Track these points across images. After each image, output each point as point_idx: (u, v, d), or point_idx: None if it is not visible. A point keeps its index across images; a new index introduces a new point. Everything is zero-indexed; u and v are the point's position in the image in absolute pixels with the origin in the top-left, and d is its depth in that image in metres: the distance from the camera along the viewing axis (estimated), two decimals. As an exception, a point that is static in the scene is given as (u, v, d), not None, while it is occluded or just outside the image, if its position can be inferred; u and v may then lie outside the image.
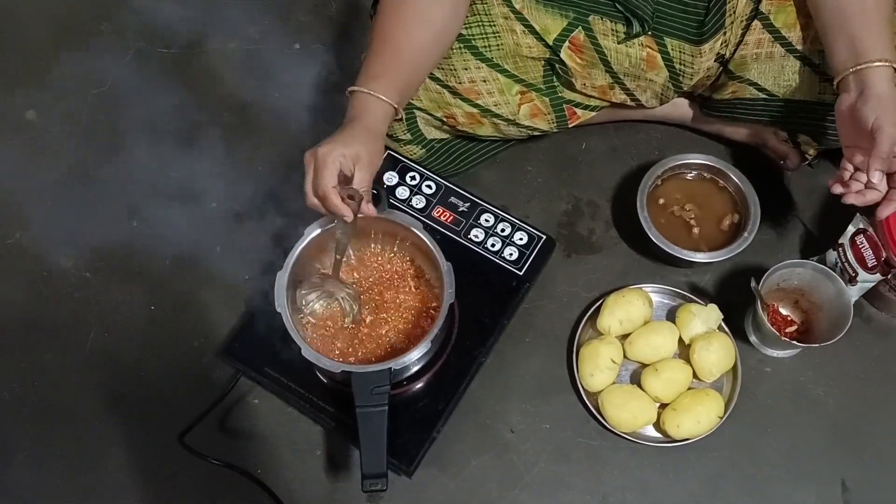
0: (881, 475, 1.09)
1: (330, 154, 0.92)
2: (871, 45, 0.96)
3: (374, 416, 0.95)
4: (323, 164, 0.91)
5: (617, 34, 1.08)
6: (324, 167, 0.91)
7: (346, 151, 0.92)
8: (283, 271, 1.00)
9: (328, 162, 0.91)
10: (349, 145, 0.93)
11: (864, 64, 0.95)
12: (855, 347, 1.15)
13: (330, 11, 1.45)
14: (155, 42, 1.43)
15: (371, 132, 0.96)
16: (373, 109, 0.96)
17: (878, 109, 0.93)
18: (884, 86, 0.94)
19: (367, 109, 0.96)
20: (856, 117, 0.95)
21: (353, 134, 0.94)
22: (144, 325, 1.19)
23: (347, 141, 0.93)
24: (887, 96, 0.94)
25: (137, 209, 1.27)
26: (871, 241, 1.08)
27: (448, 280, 1.00)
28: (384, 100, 0.96)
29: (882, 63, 0.94)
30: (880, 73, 0.95)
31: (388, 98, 0.96)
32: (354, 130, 0.95)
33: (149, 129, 1.35)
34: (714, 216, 1.20)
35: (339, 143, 0.93)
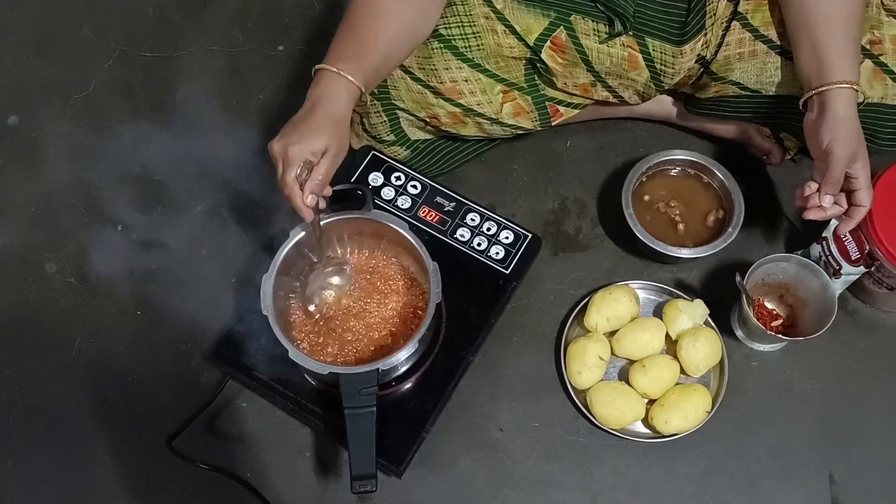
0: (868, 468, 1.09)
1: (300, 152, 0.91)
2: (834, 64, 0.97)
3: (363, 418, 0.95)
4: (290, 162, 0.91)
5: (598, 34, 1.08)
6: (291, 164, 0.91)
7: (313, 147, 0.92)
8: (269, 274, 1.00)
9: (297, 159, 0.91)
10: (317, 137, 0.92)
11: (826, 86, 0.97)
12: (840, 340, 1.15)
13: (313, 12, 1.45)
14: (137, 45, 1.42)
15: (337, 120, 0.95)
16: (338, 91, 0.95)
17: (832, 132, 0.96)
18: (841, 108, 0.97)
19: (333, 92, 0.95)
20: (815, 137, 0.98)
21: (319, 124, 0.93)
22: (131, 330, 1.19)
23: (317, 134, 0.92)
24: (843, 119, 0.96)
25: (122, 213, 1.27)
26: (854, 234, 1.08)
27: (435, 280, 1.00)
28: (351, 80, 0.95)
29: (842, 85, 0.96)
30: (840, 95, 0.97)
31: (355, 80, 0.95)
32: (321, 119, 0.93)
33: (132, 133, 1.34)
34: (699, 212, 1.20)
35: (308, 137, 0.92)
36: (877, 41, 1.08)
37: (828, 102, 0.97)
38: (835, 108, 0.97)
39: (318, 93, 0.95)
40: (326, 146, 0.93)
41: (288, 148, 0.91)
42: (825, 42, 0.99)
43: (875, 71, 1.08)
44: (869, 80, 1.08)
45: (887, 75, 1.08)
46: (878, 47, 1.08)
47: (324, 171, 0.93)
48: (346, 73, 0.95)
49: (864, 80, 1.08)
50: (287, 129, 0.94)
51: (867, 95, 1.09)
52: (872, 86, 1.09)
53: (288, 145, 0.91)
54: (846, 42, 0.99)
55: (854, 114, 0.97)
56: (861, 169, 0.99)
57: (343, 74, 0.95)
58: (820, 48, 0.99)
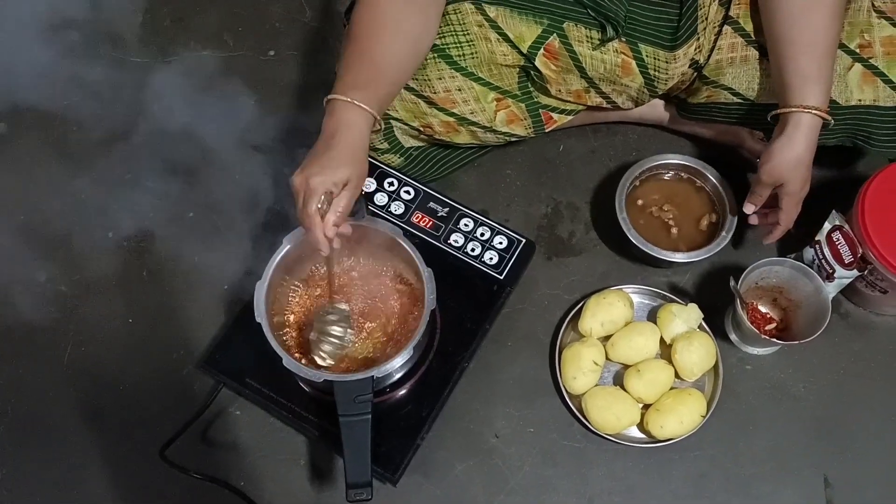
0: (863, 470, 1.10)
1: (322, 184, 0.89)
2: (793, 88, 1.01)
3: (358, 425, 0.95)
4: (313, 192, 0.89)
5: (591, 40, 1.08)
6: (312, 195, 0.89)
7: (335, 178, 0.90)
8: (262, 281, 0.99)
9: (318, 191, 0.89)
10: (338, 170, 0.90)
11: (784, 108, 1.02)
12: (834, 343, 1.16)
13: (304, 18, 1.45)
14: (127, 51, 1.42)
15: (356, 150, 0.93)
16: (355, 121, 0.94)
17: (774, 152, 1.03)
18: (787, 132, 1.02)
19: (350, 121, 0.93)
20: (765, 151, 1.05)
21: (340, 155, 0.91)
22: (122, 338, 1.18)
23: (337, 165, 0.91)
24: (785, 144, 1.02)
25: (113, 220, 1.26)
26: (847, 237, 1.09)
27: (429, 286, 1.00)
28: (366, 109, 0.94)
29: (793, 109, 1.01)
30: (791, 119, 1.01)
31: (370, 108, 0.94)
32: (341, 150, 0.92)
33: (123, 140, 1.33)
34: (692, 216, 1.20)
35: (330, 169, 0.90)
36: (866, 45, 1.08)
37: (782, 124, 1.03)
38: (786, 131, 1.02)
39: (335, 123, 0.93)
40: (348, 177, 0.91)
41: (309, 179, 0.90)
42: (789, 66, 1.02)
43: (865, 74, 1.09)
44: (859, 84, 1.09)
45: (878, 77, 1.09)
46: (868, 51, 1.08)
47: (344, 202, 0.92)
48: (361, 103, 0.93)
49: (854, 83, 1.09)
50: (307, 161, 0.92)
51: (859, 99, 1.09)
52: (863, 89, 1.09)
53: (309, 177, 0.90)
54: (808, 66, 1.01)
55: (797, 140, 1.01)
56: (787, 193, 1.06)
57: (357, 104, 0.93)
58: (783, 71, 1.03)
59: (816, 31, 1.01)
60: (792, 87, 1.02)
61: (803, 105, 1.00)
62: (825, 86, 1.01)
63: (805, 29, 1.01)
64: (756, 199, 1.10)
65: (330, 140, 0.93)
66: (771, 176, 1.05)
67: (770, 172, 1.05)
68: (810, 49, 1.01)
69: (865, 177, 1.10)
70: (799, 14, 1.01)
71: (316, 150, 0.93)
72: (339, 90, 0.95)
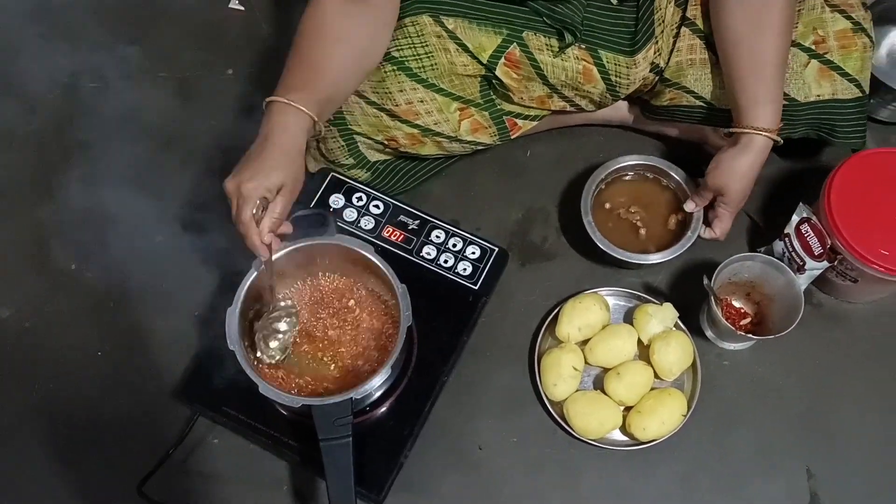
0: (844, 460, 1.11)
1: (254, 190, 0.88)
2: (742, 109, 1.05)
3: (339, 449, 0.93)
4: (246, 199, 0.89)
5: (551, 48, 1.08)
6: (245, 202, 0.89)
7: (268, 184, 0.89)
8: (234, 307, 0.98)
9: (252, 197, 0.89)
10: (271, 175, 0.90)
11: (734, 128, 1.06)
12: (809, 334, 1.16)
13: (261, 34, 1.43)
14: (84, 76, 1.38)
15: (290, 153, 0.92)
16: (291, 122, 0.93)
17: (720, 162, 1.07)
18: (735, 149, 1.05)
19: (285, 123, 0.92)
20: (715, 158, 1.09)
21: (273, 159, 0.91)
22: (93, 372, 1.15)
23: (270, 170, 0.90)
24: (729, 158, 1.06)
25: (77, 251, 1.23)
26: (815, 229, 1.10)
27: (404, 303, 0.99)
28: (303, 110, 0.93)
29: (744, 130, 1.04)
30: (739, 139, 1.05)
31: (307, 109, 0.93)
32: (274, 153, 0.91)
33: (83, 166, 1.30)
34: (660, 216, 1.20)
35: (262, 174, 0.89)
36: (820, 40, 1.09)
37: (736, 137, 1.06)
38: (738, 145, 1.05)
39: (271, 126, 0.93)
40: (282, 182, 0.90)
41: (241, 186, 0.89)
42: (737, 87, 1.05)
43: (822, 70, 1.10)
44: (817, 79, 1.10)
45: (834, 72, 1.10)
46: (823, 46, 1.09)
47: (280, 207, 0.91)
48: (297, 103, 0.93)
49: (811, 79, 1.10)
50: (240, 165, 0.91)
51: (817, 94, 1.10)
52: (821, 84, 1.10)
53: (241, 182, 0.89)
54: (756, 88, 1.04)
55: (744, 157, 1.05)
56: (725, 203, 1.10)
57: (294, 105, 0.92)
58: (733, 91, 1.06)
59: (762, 54, 1.03)
60: (743, 108, 1.05)
61: (754, 127, 1.03)
62: (774, 106, 1.04)
63: (751, 52, 1.03)
64: (698, 200, 1.14)
65: (264, 143, 0.92)
66: (716, 182, 1.09)
67: (716, 179, 1.08)
68: (757, 71, 1.03)
69: (830, 168, 1.12)
70: (744, 37, 1.03)
71: (249, 154, 0.92)
72: (277, 92, 0.95)
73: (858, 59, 1.10)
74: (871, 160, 1.11)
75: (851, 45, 1.09)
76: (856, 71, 1.10)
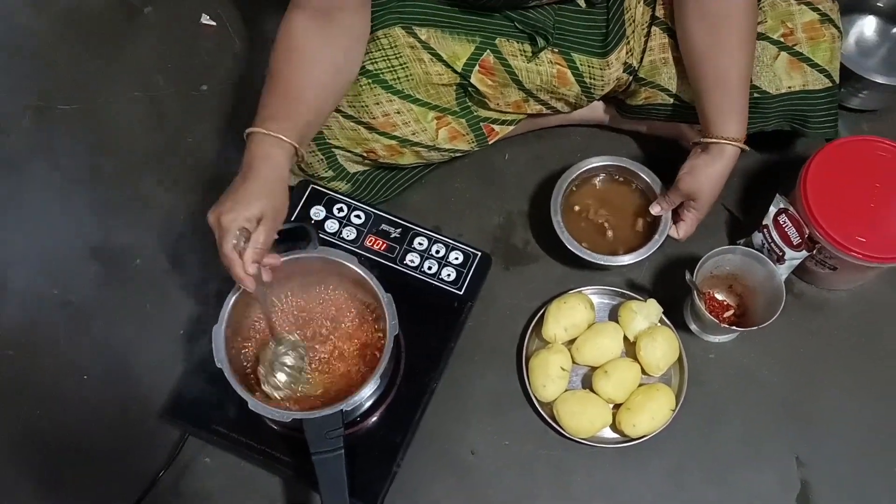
0: (832, 446, 1.12)
1: (233, 221, 0.88)
2: (709, 120, 1.07)
3: (331, 461, 0.93)
4: (226, 231, 0.88)
5: (525, 53, 1.09)
6: (227, 234, 0.88)
7: (248, 214, 0.88)
8: (220, 324, 0.97)
9: (231, 228, 0.88)
10: (251, 205, 0.89)
11: (709, 140, 1.07)
12: (791, 323, 1.18)
13: (234, 49, 1.42)
14: (53, 99, 1.37)
15: (272, 183, 0.91)
16: (273, 154, 0.92)
17: (691, 169, 1.09)
18: (706, 157, 1.08)
19: (266, 154, 0.92)
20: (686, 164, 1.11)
21: (253, 190, 0.90)
22: (79, 398, 1.14)
23: (250, 200, 0.89)
24: (699, 166, 1.08)
25: (56, 276, 1.22)
26: (793, 219, 1.11)
27: (390, 312, 0.99)
28: (285, 140, 0.92)
29: (712, 140, 1.06)
30: (709, 149, 1.07)
31: (288, 138, 0.92)
32: (255, 185, 0.90)
33: (58, 190, 1.29)
34: (629, 217, 1.20)
35: (242, 204, 0.89)
36: (789, 33, 1.11)
37: (702, 147, 1.09)
38: (709, 152, 1.08)
39: (252, 157, 0.92)
40: (261, 212, 0.89)
41: (221, 218, 0.88)
42: (703, 99, 1.08)
43: (791, 62, 1.11)
44: (787, 71, 1.11)
45: (804, 63, 1.11)
46: (791, 38, 1.11)
47: (262, 237, 0.90)
48: (278, 133, 0.92)
49: (782, 72, 1.12)
50: (222, 197, 0.90)
51: (788, 86, 1.12)
52: (792, 76, 1.12)
53: (221, 215, 0.88)
54: (722, 100, 1.06)
55: (716, 165, 1.07)
56: (695, 208, 1.13)
57: (275, 135, 0.92)
58: (700, 103, 1.08)
59: (724, 69, 1.05)
60: (711, 119, 1.07)
61: (723, 137, 1.05)
62: (740, 116, 1.06)
63: (714, 68, 1.06)
64: (665, 204, 1.15)
65: (246, 174, 0.91)
66: (689, 188, 1.10)
67: (689, 185, 1.10)
68: (721, 84, 1.05)
69: (804, 158, 1.13)
70: (706, 54, 1.06)
71: (232, 186, 0.92)
72: (257, 123, 0.94)
73: (827, 49, 1.11)
74: (845, 149, 1.13)
75: (820, 36, 1.11)
76: (825, 61, 1.12)
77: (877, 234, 1.07)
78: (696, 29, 1.05)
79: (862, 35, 1.37)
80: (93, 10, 1.46)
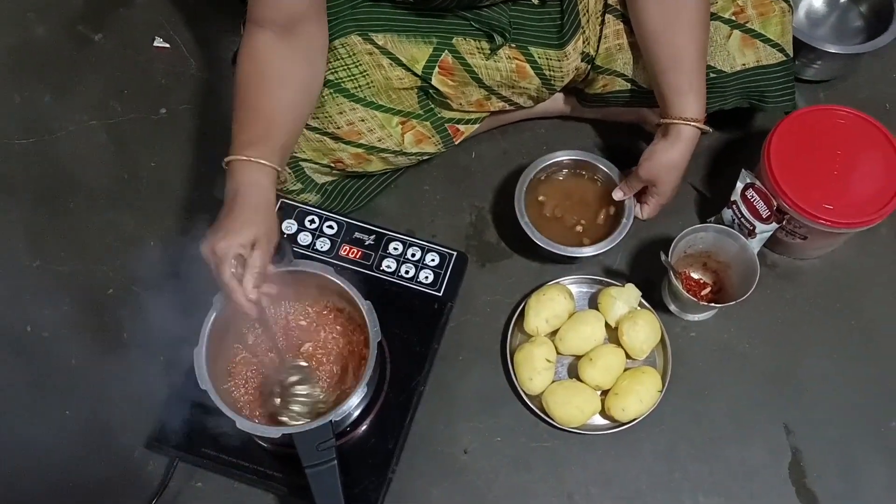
0: (819, 411, 1.13)
1: (228, 250, 0.87)
2: (667, 101, 1.08)
3: (325, 473, 0.93)
4: (221, 260, 0.88)
5: (483, 51, 1.09)
6: (223, 263, 0.88)
7: (241, 241, 0.88)
8: (200, 346, 0.96)
9: (227, 257, 0.88)
10: (243, 232, 0.88)
11: (668, 120, 1.08)
12: (767, 295, 1.19)
13: (189, 69, 1.41)
14: (8, 135, 1.35)
15: (261, 208, 0.91)
16: (257, 179, 0.92)
17: (650, 153, 1.11)
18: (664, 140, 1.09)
19: (252, 181, 0.91)
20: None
21: (244, 217, 0.89)
22: (62, 435, 1.11)
23: (241, 228, 0.89)
24: (659, 149, 1.10)
25: (27, 312, 1.19)
26: (760, 193, 1.13)
27: (371, 319, 0.99)
28: (266, 164, 0.92)
29: (672, 120, 1.07)
30: (668, 130, 1.08)
31: (269, 162, 0.92)
32: (245, 212, 0.90)
33: (24, 225, 1.27)
34: (594, 208, 1.20)
35: (234, 232, 0.88)
36: (739, 10, 1.12)
37: (665, 129, 1.10)
38: (668, 137, 1.09)
39: (236, 184, 0.91)
40: (254, 237, 0.89)
41: (215, 247, 0.88)
42: (660, 80, 1.08)
43: (744, 39, 1.13)
44: (740, 48, 1.13)
45: (757, 39, 1.13)
46: (742, 16, 1.12)
47: (259, 262, 0.89)
48: (259, 159, 0.91)
49: (735, 49, 1.13)
50: (212, 228, 0.90)
51: (743, 63, 1.13)
52: (745, 53, 1.13)
53: (214, 244, 0.88)
54: (678, 81, 1.07)
55: (675, 148, 1.08)
56: (657, 193, 1.14)
57: (256, 160, 0.91)
58: (657, 84, 1.09)
59: (679, 49, 1.06)
60: (668, 100, 1.07)
61: (682, 117, 1.06)
62: (698, 96, 1.07)
63: (667, 47, 1.06)
64: (627, 189, 1.16)
65: (233, 202, 0.91)
66: (649, 174, 1.11)
67: (648, 170, 1.11)
68: (676, 65, 1.06)
69: (766, 132, 1.15)
70: (659, 33, 1.06)
71: (220, 216, 0.91)
72: (236, 150, 0.93)
73: (778, 23, 1.13)
74: (805, 119, 1.15)
75: (770, 12, 1.12)
76: (777, 35, 1.13)
77: (843, 201, 1.09)
78: (651, 11, 1.06)
79: (811, 6, 1.39)
80: (43, 43, 1.44)
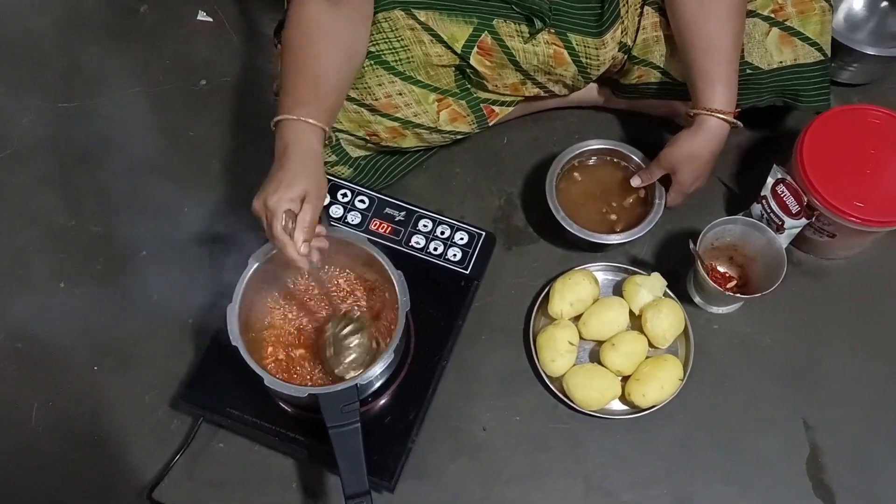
0: (838, 408, 1.13)
1: (279, 203, 0.89)
2: (698, 91, 1.08)
3: (348, 434, 0.94)
4: (273, 214, 0.89)
5: (522, 34, 1.11)
6: (275, 216, 0.89)
7: (292, 195, 0.90)
8: (234, 304, 0.98)
9: (278, 210, 0.89)
10: (293, 186, 0.90)
11: (696, 110, 1.08)
12: (791, 292, 1.19)
13: (230, 44, 1.44)
14: (53, 98, 1.38)
15: (310, 163, 0.93)
16: (306, 137, 0.94)
17: (675, 142, 1.10)
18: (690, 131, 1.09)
19: (299, 138, 0.93)
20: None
21: (294, 171, 0.91)
22: (90, 389, 1.14)
23: (291, 181, 0.90)
24: (684, 139, 1.09)
25: (63, 269, 1.22)
26: (791, 188, 1.13)
27: (401, 288, 1.00)
28: (316, 124, 0.94)
29: (699, 112, 1.07)
30: (696, 120, 1.08)
31: (318, 122, 0.94)
32: (294, 165, 0.92)
33: (63, 187, 1.30)
34: (622, 197, 1.21)
35: (284, 186, 0.90)
36: (779, 8, 1.13)
37: (689, 121, 1.10)
38: (693, 127, 1.09)
39: (285, 143, 0.93)
40: (304, 191, 0.91)
41: (266, 201, 0.90)
42: (692, 68, 1.08)
43: (782, 37, 1.13)
44: (778, 46, 1.14)
45: (795, 37, 1.14)
46: (782, 13, 1.13)
47: (308, 216, 0.91)
48: (308, 118, 0.93)
49: (773, 47, 1.14)
50: (263, 184, 0.92)
51: (780, 61, 1.14)
52: (782, 51, 1.14)
53: (266, 199, 0.90)
54: (709, 69, 1.07)
55: (696, 138, 1.08)
56: (676, 181, 1.14)
57: (304, 120, 0.93)
58: (689, 73, 1.09)
59: (712, 37, 1.06)
60: (699, 89, 1.07)
61: (709, 108, 1.06)
62: (727, 87, 1.06)
63: (701, 34, 1.07)
64: (646, 176, 1.17)
65: (282, 159, 0.93)
66: (667, 161, 1.12)
67: (668, 158, 1.12)
68: (709, 53, 1.06)
69: (797, 132, 1.15)
70: (693, 21, 1.07)
71: (270, 173, 0.93)
72: (285, 110, 0.95)
73: (818, 22, 1.13)
74: (839, 117, 1.15)
75: (809, 10, 1.13)
76: (816, 34, 1.14)
77: (874, 199, 1.09)
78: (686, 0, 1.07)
79: (851, 9, 1.39)
80: (90, 11, 1.48)
